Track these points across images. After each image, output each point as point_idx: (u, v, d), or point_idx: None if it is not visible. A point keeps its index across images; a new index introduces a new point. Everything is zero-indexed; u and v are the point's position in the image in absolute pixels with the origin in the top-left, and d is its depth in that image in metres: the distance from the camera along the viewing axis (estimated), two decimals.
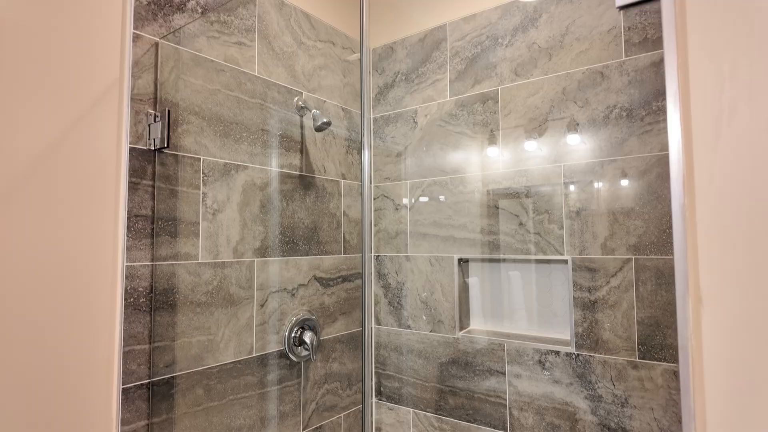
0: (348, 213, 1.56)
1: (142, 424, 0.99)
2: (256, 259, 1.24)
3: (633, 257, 1.17)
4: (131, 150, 0.99)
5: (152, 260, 1.02)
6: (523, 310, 1.41)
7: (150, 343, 1.01)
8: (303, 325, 1.36)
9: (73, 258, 0.90)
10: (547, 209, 1.31)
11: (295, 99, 1.38)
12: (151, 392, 1.01)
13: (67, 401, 0.88)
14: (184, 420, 1.06)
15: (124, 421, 0.95)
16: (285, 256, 1.33)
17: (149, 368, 1.00)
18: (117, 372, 0.95)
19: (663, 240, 1.14)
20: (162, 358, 1.03)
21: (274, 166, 1.31)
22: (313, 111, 1.34)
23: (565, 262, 1.29)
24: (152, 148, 1.02)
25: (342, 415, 1.50)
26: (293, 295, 1.35)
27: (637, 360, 1.16)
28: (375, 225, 1.67)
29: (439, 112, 1.53)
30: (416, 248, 1.57)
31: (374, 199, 1.68)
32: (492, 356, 1.39)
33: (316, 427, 1.40)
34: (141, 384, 0.99)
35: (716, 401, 0.58)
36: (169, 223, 1.05)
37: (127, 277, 0.97)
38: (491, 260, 1.46)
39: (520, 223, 1.36)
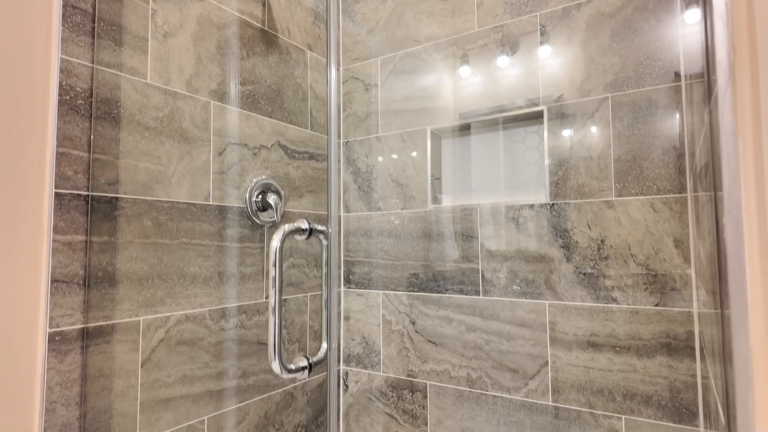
0: (315, 88, 1.48)
1: (80, 239, 0.89)
2: (212, 102, 1.15)
3: (610, 95, 1.14)
4: None
5: (93, 62, 0.92)
6: (497, 180, 1.36)
7: (89, 152, 0.91)
8: (265, 189, 1.28)
9: None
10: (522, 62, 1.26)
11: None
12: (90, 207, 0.90)
13: None
14: (130, 249, 0.96)
15: (58, 230, 0.85)
16: (245, 109, 1.24)
17: (88, 180, 0.90)
18: (49, 171, 0.84)
19: (640, 72, 1.10)
20: (103, 174, 0.93)
21: (234, 9, 1.21)
22: None
23: (541, 114, 1.25)
24: None
25: (309, 294, 1.42)
26: (255, 154, 1.26)
27: (613, 199, 1.12)
28: (344, 110, 1.60)
29: None
30: (387, 127, 1.50)
31: (343, 82, 1.60)
32: (464, 222, 1.33)
33: (281, 299, 1.31)
34: (78, 194, 0.89)
35: None
36: (113, 28, 0.95)
37: (62, 71, 0.87)
38: (463, 131, 1.41)
39: (495, 81, 1.30)
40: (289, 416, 1.33)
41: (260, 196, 1.26)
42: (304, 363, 0.83)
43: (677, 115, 1.06)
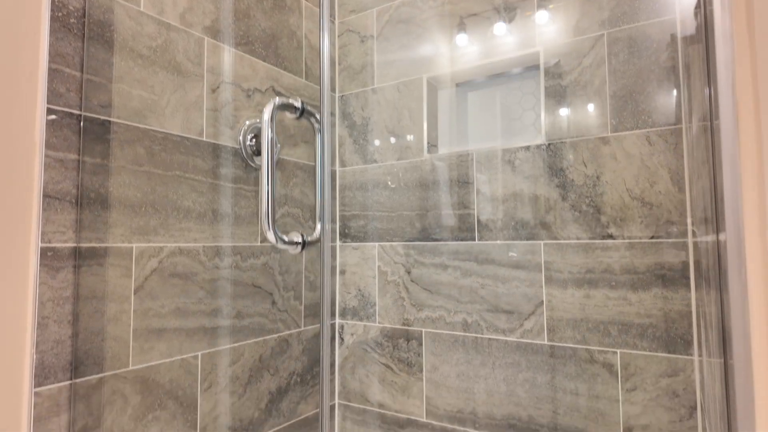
0: (310, 38, 1.47)
1: (72, 158, 0.88)
2: (206, 38, 1.14)
3: (605, 32, 1.13)
4: None
5: None
6: (493, 128, 1.35)
7: (81, 72, 0.90)
8: (260, 133, 1.27)
9: None
10: (516, 6, 1.26)
11: None
12: (82, 127, 0.89)
13: None
14: (123, 174, 0.96)
15: (50, 145, 0.84)
16: (239, 50, 1.23)
17: (81, 100, 0.89)
18: (41, 84, 0.83)
19: (635, 6, 1.10)
20: (96, 96, 0.92)
21: None
22: None
23: (537, 56, 1.24)
24: None
25: None
26: (249, 96, 1.25)
27: (609, 135, 1.12)
28: (339, 63, 1.59)
29: None
30: (383, 78, 1.49)
31: (338, 36, 1.60)
32: (460, 169, 1.33)
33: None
34: (71, 113, 0.88)
35: None
36: None
37: None
38: (459, 82, 1.40)
39: (491, 27, 1.30)
40: (284, 363, 1.32)
41: (254, 140, 1.25)
42: (298, 238, 0.82)
43: (673, 46, 1.06)
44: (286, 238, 0.81)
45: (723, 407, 0.70)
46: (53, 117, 0.85)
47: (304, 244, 0.83)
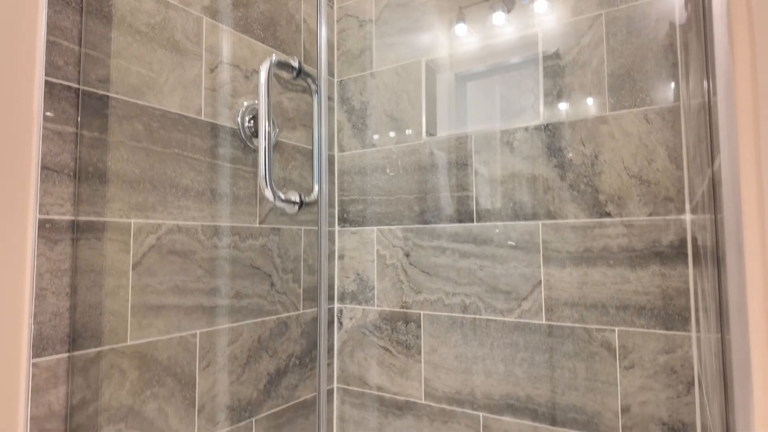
0: (308, 22, 1.47)
1: (70, 131, 0.88)
2: (205, 17, 1.14)
3: (603, 12, 1.14)
4: None
5: None
6: (492, 111, 1.35)
7: (80, 45, 0.90)
8: (258, 116, 1.27)
9: None
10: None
11: None
12: (80, 101, 0.89)
13: None
14: (121, 149, 0.96)
15: (48, 118, 0.84)
16: (237, 31, 1.23)
17: (79, 73, 0.89)
18: (39, 56, 0.83)
19: None
20: (94, 70, 0.92)
21: None
22: None
23: (536, 36, 1.24)
24: None
25: (303, 228, 1.41)
26: (247, 77, 1.25)
27: (607, 114, 1.12)
28: (338, 48, 1.59)
29: None
30: (382, 62, 1.49)
31: (337, 21, 1.60)
32: (459, 151, 1.33)
33: (275, 228, 1.31)
34: (69, 86, 0.88)
35: None
36: None
37: None
38: (457, 68, 1.40)
39: (491, 7, 1.30)
40: (282, 345, 1.32)
41: (252, 121, 1.25)
42: (296, 197, 0.83)
43: (671, 24, 1.06)
44: (283, 196, 0.81)
45: (720, 382, 0.70)
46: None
47: (302, 204, 0.83)
